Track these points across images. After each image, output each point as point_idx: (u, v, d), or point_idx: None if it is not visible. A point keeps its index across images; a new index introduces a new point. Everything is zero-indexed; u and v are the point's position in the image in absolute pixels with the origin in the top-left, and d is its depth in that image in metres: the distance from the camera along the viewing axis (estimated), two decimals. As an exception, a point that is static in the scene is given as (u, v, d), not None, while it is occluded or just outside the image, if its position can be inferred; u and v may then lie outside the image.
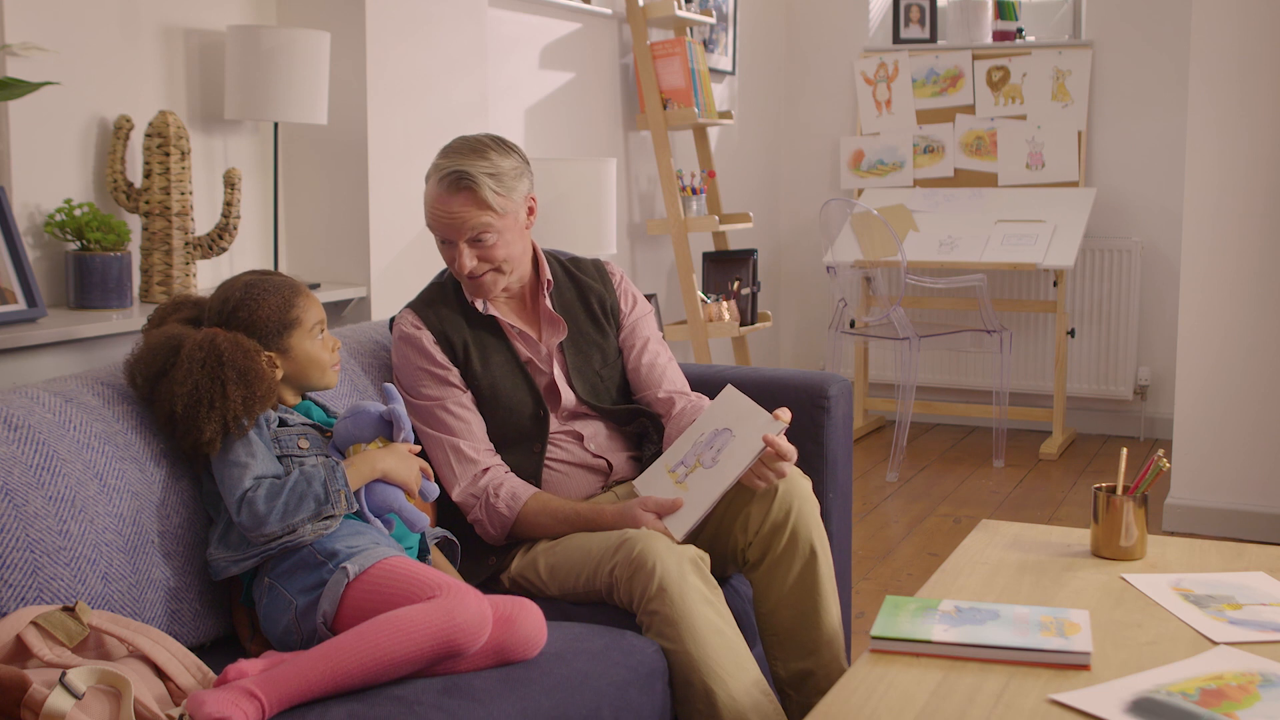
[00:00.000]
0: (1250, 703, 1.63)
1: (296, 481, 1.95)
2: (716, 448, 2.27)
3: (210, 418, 1.94)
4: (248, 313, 2.05)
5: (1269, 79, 4.06)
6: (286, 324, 2.06)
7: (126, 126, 2.67)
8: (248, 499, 1.92)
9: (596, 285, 2.55)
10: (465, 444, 2.35)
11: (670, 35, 5.02)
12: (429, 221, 2.36)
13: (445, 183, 2.31)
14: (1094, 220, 5.55)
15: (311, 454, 2.03)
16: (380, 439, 2.09)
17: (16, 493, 1.77)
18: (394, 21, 3.24)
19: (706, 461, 2.27)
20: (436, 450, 2.36)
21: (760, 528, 2.27)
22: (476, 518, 2.33)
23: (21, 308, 2.40)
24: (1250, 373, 4.16)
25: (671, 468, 2.33)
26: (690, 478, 2.27)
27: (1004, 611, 1.92)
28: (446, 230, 2.33)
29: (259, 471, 1.96)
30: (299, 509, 1.92)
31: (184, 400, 1.94)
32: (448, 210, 2.31)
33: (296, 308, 2.08)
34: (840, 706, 1.68)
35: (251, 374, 1.98)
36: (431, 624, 1.77)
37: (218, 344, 1.98)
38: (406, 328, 2.41)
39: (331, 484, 1.95)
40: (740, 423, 2.27)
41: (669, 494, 2.27)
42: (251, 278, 2.11)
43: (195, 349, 1.97)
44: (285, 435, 2.04)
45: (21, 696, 1.53)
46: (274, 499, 1.92)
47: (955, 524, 4.31)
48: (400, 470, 2.04)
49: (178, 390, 1.95)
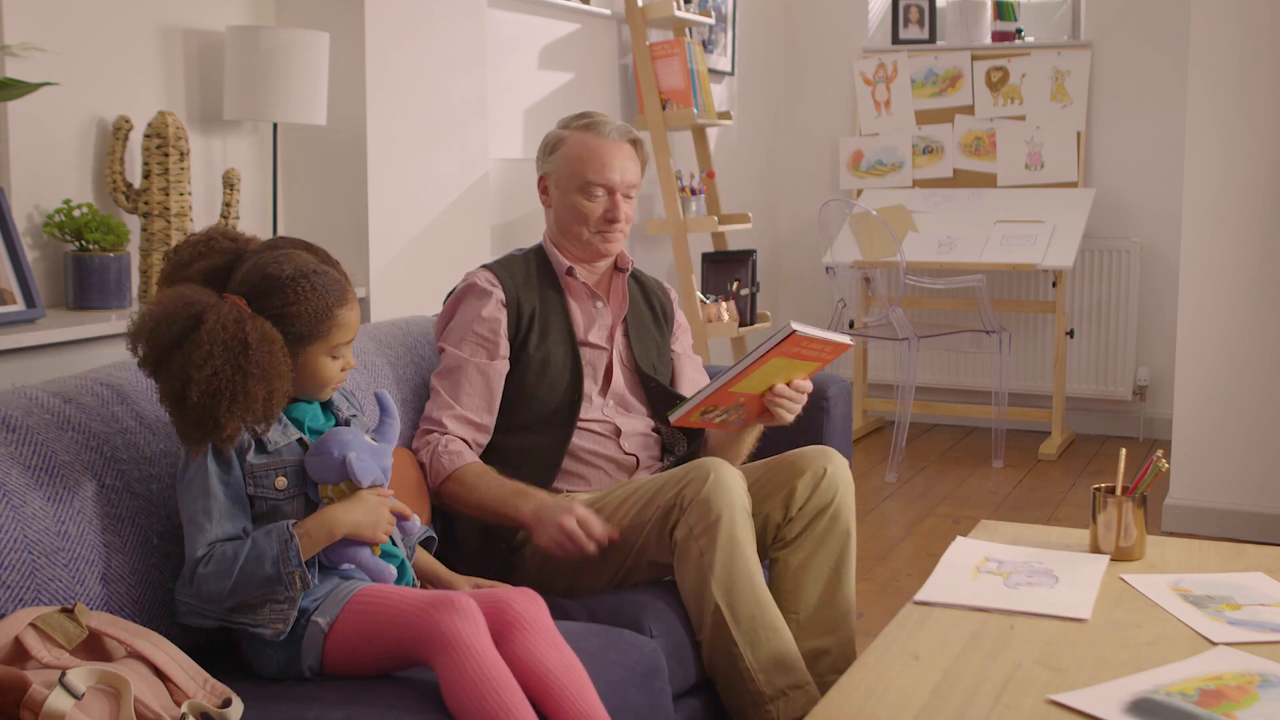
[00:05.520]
0: (1249, 703, 1.63)
1: (246, 559, 1.79)
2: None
3: (232, 413, 1.77)
4: (283, 303, 1.86)
5: (1268, 79, 4.06)
6: (315, 334, 1.89)
7: (126, 127, 2.67)
8: (197, 576, 1.79)
9: (657, 291, 2.69)
10: (466, 401, 2.41)
11: (669, 36, 5.02)
12: (585, 169, 2.48)
13: (617, 134, 2.51)
14: (1093, 221, 5.55)
15: (288, 497, 1.88)
16: (347, 482, 1.90)
17: (14, 493, 1.76)
18: (393, 22, 3.24)
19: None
20: (441, 389, 2.42)
21: (804, 505, 2.35)
22: (421, 460, 2.38)
23: (20, 308, 2.40)
24: (1249, 373, 4.16)
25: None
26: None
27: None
28: (613, 177, 2.48)
29: (214, 534, 1.81)
30: (250, 589, 1.79)
31: (201, 386, 1.75)
32: (620, 159, 2.49)
33: (333, 320, 1.90)
34: (840, 706, 1.68)
35: (274, 373, 1.80)
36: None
37: (245, 331, 1.79)
38: (481, 282, 2.48)
39: (284, 564, 1.78)
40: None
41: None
42: (307, 262, 1.90)
43: (218, 327, 1.77)
44: (261, 471, 1.86)
45: (21, 697, 1.53)
46: (223, 579, 1.78)
47: (954, 524, 4.31)
48: (365, 525, 1.87)
49: (194, 373, 1.76)
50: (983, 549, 2.29)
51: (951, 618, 1.97)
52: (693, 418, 2.31)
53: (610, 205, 2.49)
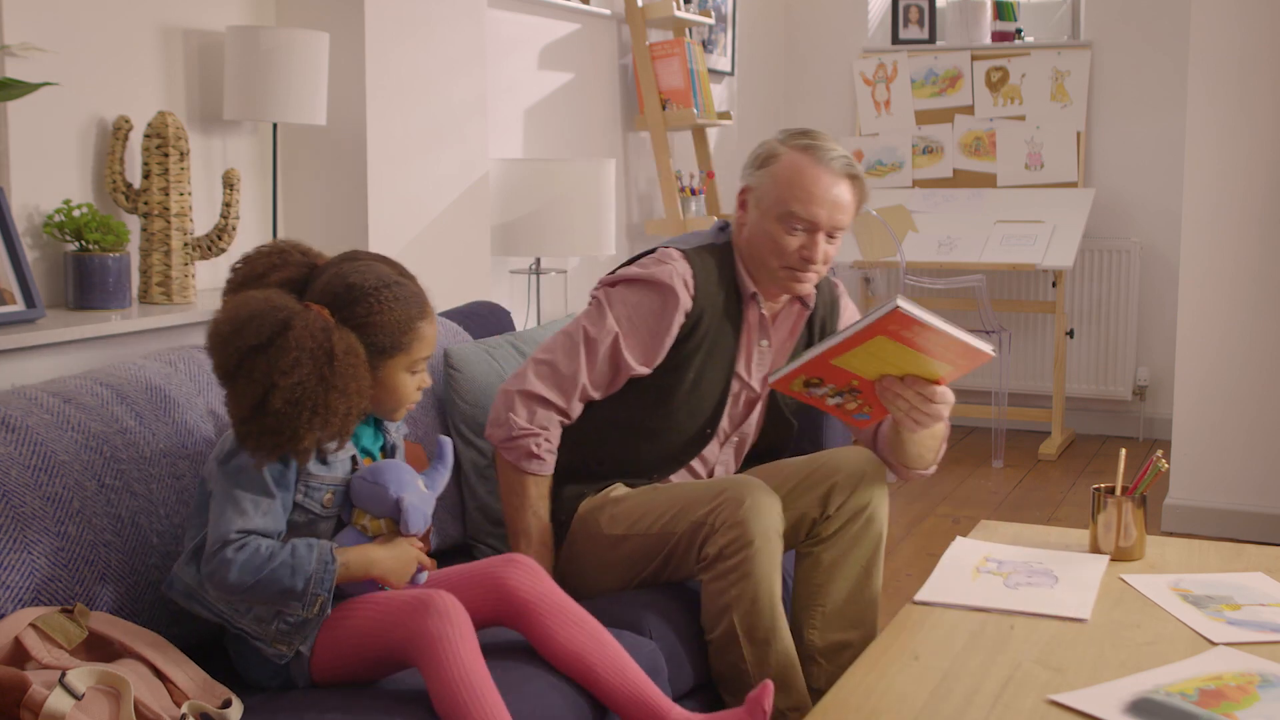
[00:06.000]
0: (1249, 703, 1.64)
1: (281, 565, 1.72)
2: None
3: (311, 425, 1.71)
4: (367, 312, 1.80)
5: (1268, 80, 4.06)
6: (396, 346, 1.83)
7: (125, 127, 2.67)
8: (224, 557, 1.71)
9: (822, 311, 2.46)
10: (594, 378, 2.28)
11: (669, 36, 5.02)
12: (791, 198, 2.24)
13: (838, 166, 2.24)
14: (1093, 221, 5.55)
15: (328, 515, 1.83)
16: (389, 520, 1.85)
17: (14, 494, 1.76)
18: (393, 22, 3.24)
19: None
20: (583, 349, 2.28)
21: (842, 505, 2.31)
22: (504, 435, 2.26)
23: (20, 308, 2.40)
24: (1249, 373, 4.16)
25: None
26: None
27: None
28: (823, 213, 2.24)
29: (254, 524, 1.73)
30: (270, 595, 1.74)
31: (285, 394, 1.69)
32: (835, 196, 2.24)
33: (414, 333, 1.85)
34: (840, 706, 1.68)
35: (354, 388, 1.75)
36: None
37: (331, 341, 1.73)
38: (675, 281, 2.28)
39: (315, 585, 1.74)
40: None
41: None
42: (387, 274, 1.85)
43: (306, 334, 1.72)
44: (317, 482, 1.81)
45: (21, 697, 1.53)
46: (249, 573, 1.71)
47: (954, 524, 4.31)
48: (394, 573, 1.83)
49: (280, 379, 1.69)
50: (982, 549, 2.29)
51: (951, 618, 1.97)
52: (794, 384, 2.15)
53: (809, 244, 2.25)
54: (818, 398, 2.19)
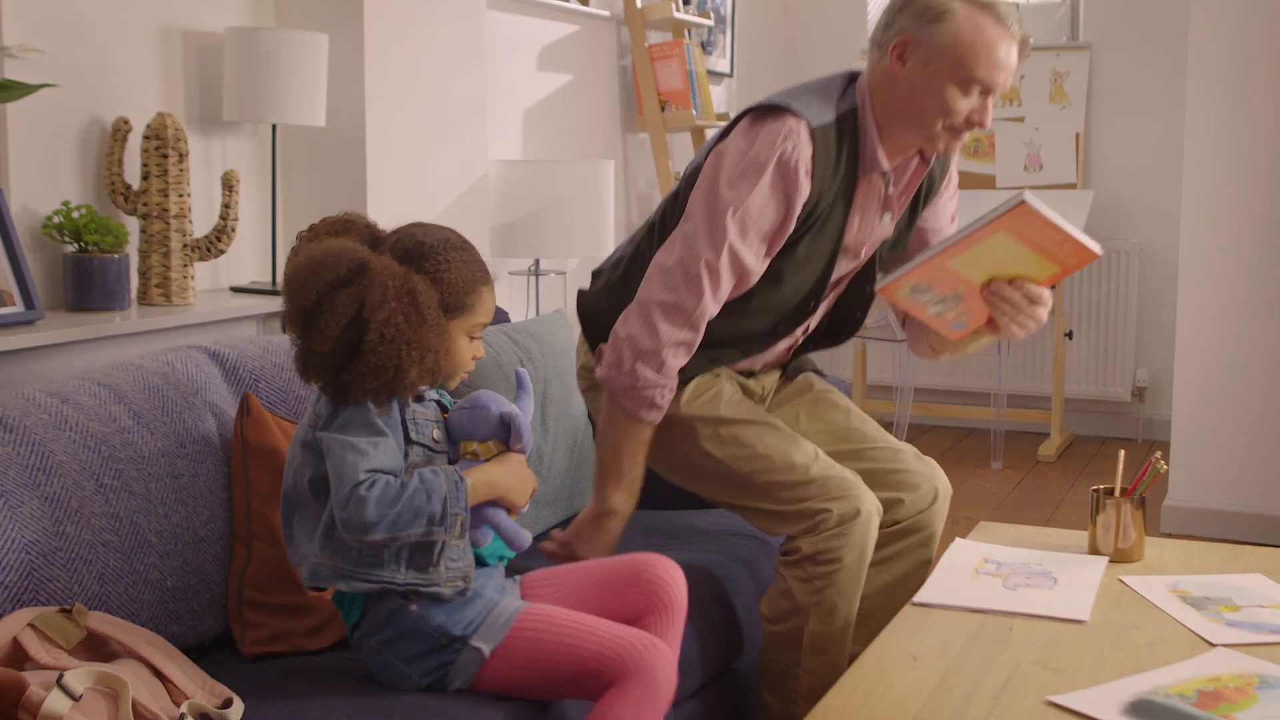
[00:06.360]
0: (1248, 705, 1.63)
1: (415, 492, 1.70)
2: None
3: (413, 358, 1.69)
4: (435, 269, 1.79)
5: (1267, 81, 4.06)
6: (460, 306, 1.81)
7: (124, 128, 2.67)
8: (357, 496, 1.68)
9: (937, 166, 2.34)
10: (711, 308, 2.14)
11: (668, 37, 5.02)
12: (974, 60, 2.07)
13: (1016, 30, 2.10)
14: (1092, 222, 5.55)
15: (441, 450, 1.82)
16: (495, 441, 1.85)
17: (11, 494, 1.76)
18: (392, 23, 3.24)
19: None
20: (682, 278, 2.12)
21: (908, 521, 2.31)
22: (626, 384, 2.14)
23: (19, 310, 2.39)
24: (1248, 374, 4.17)
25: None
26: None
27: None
28: (997, 77, 2.09)
29: (377, 463, 1.70)
30: (410, 524, 1.70)
31: (379, 329, 1.67)
32: (1008, 57, 2.09)
33: (478, 295, 1.83)
34: (839, 707, 1.68)
35: (435, 332, 1.74)
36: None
37: (413, 282, 1.73)
38: (800, 174, 2.10)
39: (452, 504, 1.72)
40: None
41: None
42: (450, 235, 1.84)
43: (386, 274, 1.71)
44: (422, 418, 1.80)
45: (19, 698, 1.53)
46: (387, 506, 1.68)
47: (953, 525, 4.31)
48: (514, 491, 1.82)
49: (370, 315, 1.67)
50: (982, 550, 2.29)
51: (950, 619, 1.97)
52: (901, 292, 2.08)
53: (981, 107, 2.11)
54: (920, 305, 2.11)
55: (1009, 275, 2.07)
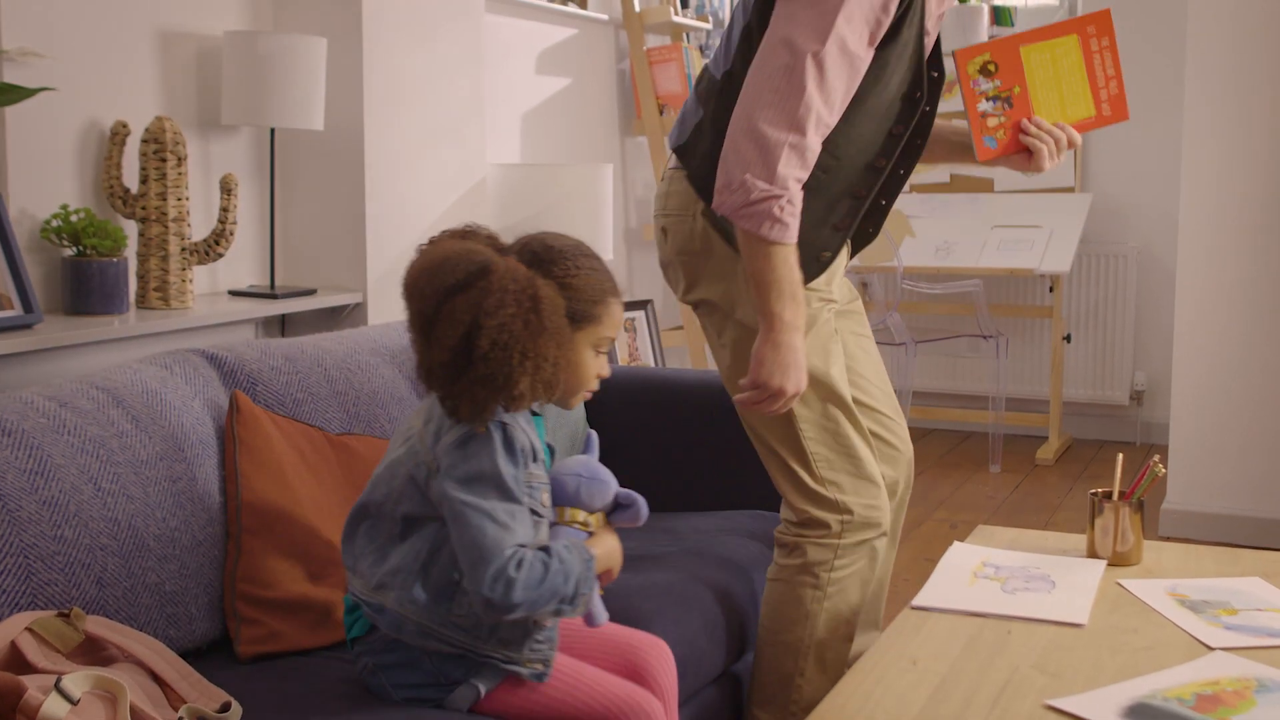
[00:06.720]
0: (1246, 708, 1.63)
1: (555, 573, 1.61)
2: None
3: (524, 368, 1.59)
4: (564, 274, 1.70)
5: (1265, 84, 4.06)
6: (588, 316, 1.72)
7: (123, 132, 2.67)
8: (507, 577, 1.58)
9: None
10: (838, 108, 1.96)
11: (667, 41, 5.03)
12: None
13: None
14: (1090, 225, 5.56)
15: (547, 514, 1.73)
16: (601, 514, 1.79)
17: (9, 497, 1.76)
18: (390, 27, 3.24)
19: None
20: (810, 77, 1.90)
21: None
22: (739, 201, 1.91)
23: (18, 313, 2.40)
24: (1246, 378, 4.17)
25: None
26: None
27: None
28: None
29: (520, 538, 1.61)
30: (546, 604, 1.62)
31: (491, 335, 1.58)
32: None
33: (607, 306, 1.74)
34: (837, 711, 1.68)
35: (556, 341, 1.64)
36: None
37: (537, 286, 1.63)
38: None
39: (583, 586, 1.64)
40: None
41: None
42: (580, 243, 1.77)
43: (508, 277, 1.61)
44: (538, 482, 1.69)
45: (17, 702, 1.53)
46: (533, 588, 1.60)
47: (951, 529, 4.31)
48: (616, 567, 1.78)
49: (484, 320, 1.58)
50: (980, 554, 2.29)
51: (948, 623, 1.97)
52: (974, 63, 2.11)
53: None
54: (979, 93, 2.16)
55: (1058, 97, 2.23)
